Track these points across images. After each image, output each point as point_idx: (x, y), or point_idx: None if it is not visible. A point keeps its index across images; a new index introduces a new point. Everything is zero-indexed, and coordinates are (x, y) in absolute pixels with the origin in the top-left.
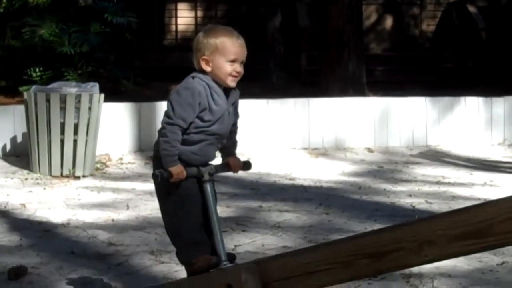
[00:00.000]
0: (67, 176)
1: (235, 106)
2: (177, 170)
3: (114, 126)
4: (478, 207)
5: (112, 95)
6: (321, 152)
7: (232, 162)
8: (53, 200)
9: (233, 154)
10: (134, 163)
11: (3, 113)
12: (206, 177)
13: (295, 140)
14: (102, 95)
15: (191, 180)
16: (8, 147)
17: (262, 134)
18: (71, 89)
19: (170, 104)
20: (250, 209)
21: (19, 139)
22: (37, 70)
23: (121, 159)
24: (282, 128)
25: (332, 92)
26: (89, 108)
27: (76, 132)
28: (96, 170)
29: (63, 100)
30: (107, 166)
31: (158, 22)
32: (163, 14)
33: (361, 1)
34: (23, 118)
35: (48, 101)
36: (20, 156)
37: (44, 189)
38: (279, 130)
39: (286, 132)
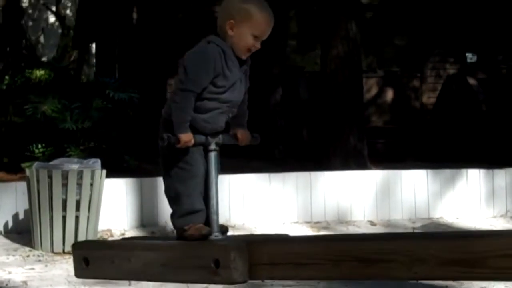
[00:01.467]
0: (69, 253)
1: (246, 74)
2: (186, 138)
3: (116, 202)
4: (478, 237)
5: (114, 170)
6: (323, 226)
7: (240, 134)
8: (55, 277)
9: (242, 125)
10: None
11: (5, 189)
12: (213, 146)
13: (297, 213)
14: (104, 171)
15: (197, 147)
16: (10, 224)
17: (264, 208)
18: (73, 165)
19: (184, 69)
20: (253, 285)
21: (21, 216)
22: (40, 146)
23: (123, 234)
24: (284, 202)
25: (334, 165)
26: (91, 185)
27: (78, 208)
28: None
29: (65, 176)
30: None
31: (159, 97)
32: (164, 89)
33: (361, 74)
34: (25, 195)
35: (50, 177)
36: (22, 233)
37: (46, 266)
38: (280, 204)
39: (288, 206)
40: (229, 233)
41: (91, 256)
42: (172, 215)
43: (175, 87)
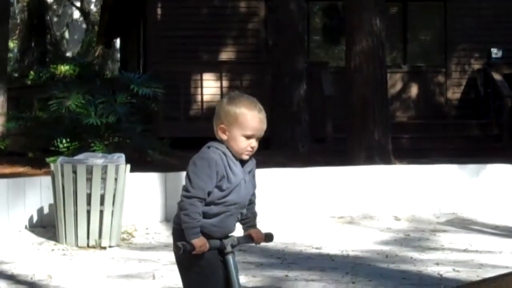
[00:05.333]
0: (93, 247)
1: (252, 174)
2: (200, 243)
3: (140, 196)
4: (505, 276)
5: (138, 165)
6: (347, 221)
7: (254, 234)
8: (79, 271)
9: (254, 225)
10: (160, 233)
11: (30, 184)
12: (229, 249)
13: (321, 208)
14: (128, 166)
15: (212, 251)
16: (35, 219)
17: (287, 203)
18: (97, 160)
19: (188, 176)
20: (277, 279)
21: (45, 210)
22: (64, 141)
23: (147, 229)
24: (308, 196)
25: (358, 160)
26: (115, 179)
27: (102, 203)
28: (122, 240)
29: (89, 171)
30: (133, 237)
31: (184, 92)
32: (188, 85)
33: (386, 69)
34: (50, 189)
35: (74, 172)
36: (47, 227)
37: (71, 260)
38: (305, 198)
39: (312, 201)
40: None
41: None
42: None
43: (182, 195)
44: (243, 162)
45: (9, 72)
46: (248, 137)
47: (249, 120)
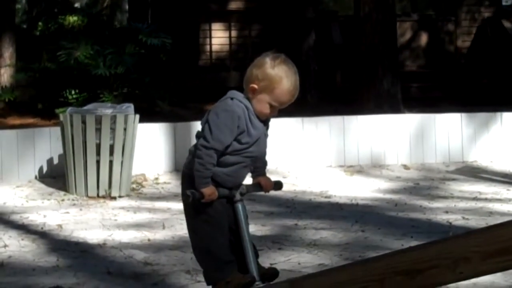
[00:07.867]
0: (103, 197)
1: (267, 127)
2: (209, 191)
3: (150, 146)
4: None
5: (147, 115)
6: (357, 170)
7: (263, 182)
8: (89, 221)
9: (263, 173)
10: (169, 183)
11: (40, 135)
12: (238, 197)
13: (330, 157)
14: (137, 116)
15: (221, 200)
16: (45, 169)
17: (297, 152)
18: (106, 110)
19: (208, 125)
20: (286, 227)
21: (55, 161)
22: (73, 92)
23: (156, 179)
24: (317, 146)
25: (368, 109)
26: (125, 129)
27: (111, 153)
28: (132, 190)
29: (98, 121)
30: (143, 186)
31: (192, 42)
32: (197, 35)
33: (395, 18)
34: (59, 140)
35: (83, 122)
36: (57, 177)
37: (81, 209)
38: (314, 148)
39: (322, 150)
40: None
41: None
42: (205, 272)
43: (199, 143)
44: None
45: (18, 23)
46: (273, 107)
47: (284, 94)
